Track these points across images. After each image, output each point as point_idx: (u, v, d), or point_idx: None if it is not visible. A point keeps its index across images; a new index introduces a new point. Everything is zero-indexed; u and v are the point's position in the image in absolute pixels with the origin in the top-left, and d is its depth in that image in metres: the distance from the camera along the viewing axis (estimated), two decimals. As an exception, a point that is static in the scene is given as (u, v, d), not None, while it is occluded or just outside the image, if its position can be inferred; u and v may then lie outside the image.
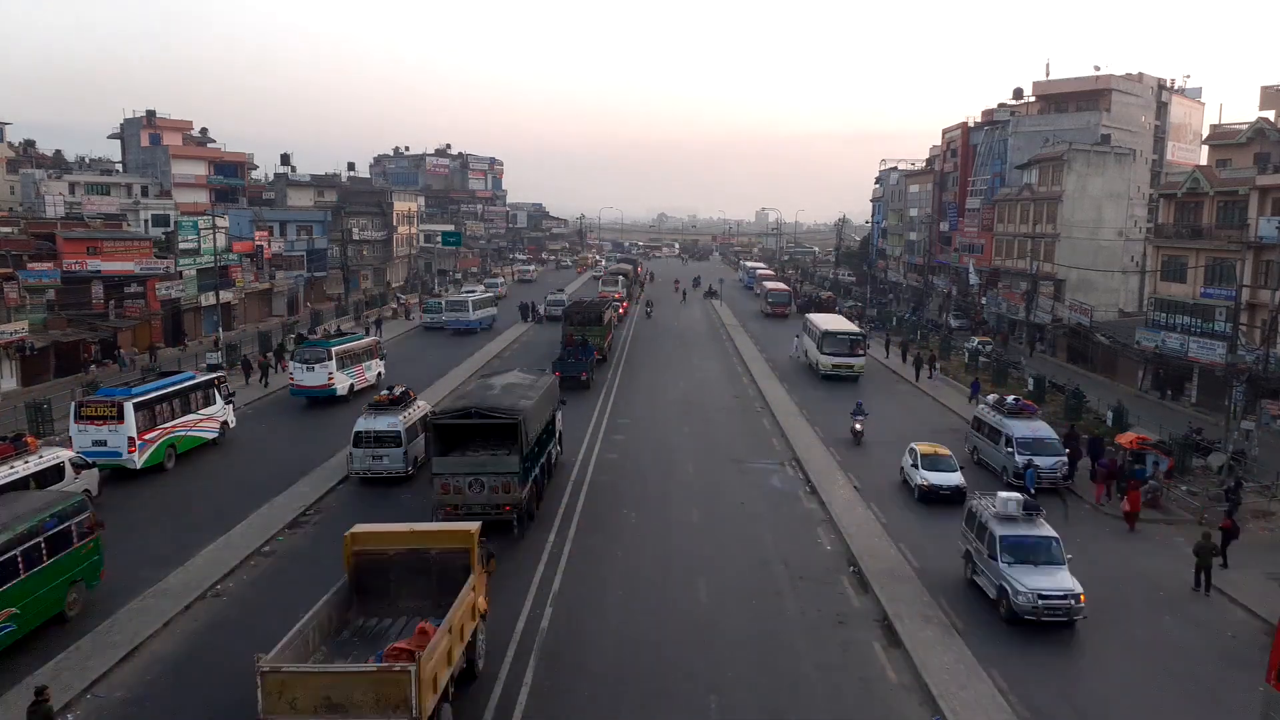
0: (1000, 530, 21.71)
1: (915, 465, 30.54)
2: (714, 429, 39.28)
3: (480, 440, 26.76)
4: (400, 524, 20.12)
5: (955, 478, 29.78)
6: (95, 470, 28.31)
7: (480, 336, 64.66)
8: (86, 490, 27.34)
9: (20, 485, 24.95)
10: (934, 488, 29.51)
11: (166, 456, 31.83)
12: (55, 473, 26.33)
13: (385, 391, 33.05)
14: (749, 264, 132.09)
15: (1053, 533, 22.05)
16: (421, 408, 33.06)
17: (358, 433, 30.39)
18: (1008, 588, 20.67)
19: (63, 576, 20.05)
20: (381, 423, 30.46)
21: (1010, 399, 34.71)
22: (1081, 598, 20.43)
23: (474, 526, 18.86)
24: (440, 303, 71.08)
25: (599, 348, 51.60)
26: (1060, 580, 20.64)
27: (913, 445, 31.78)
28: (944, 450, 31.29)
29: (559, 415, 32.77)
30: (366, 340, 47.05)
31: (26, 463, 25.63)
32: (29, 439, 27.58)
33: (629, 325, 72.76)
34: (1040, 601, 20.27)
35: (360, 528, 19.21)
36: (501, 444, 26.01)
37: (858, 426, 37.06)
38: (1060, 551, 21.43)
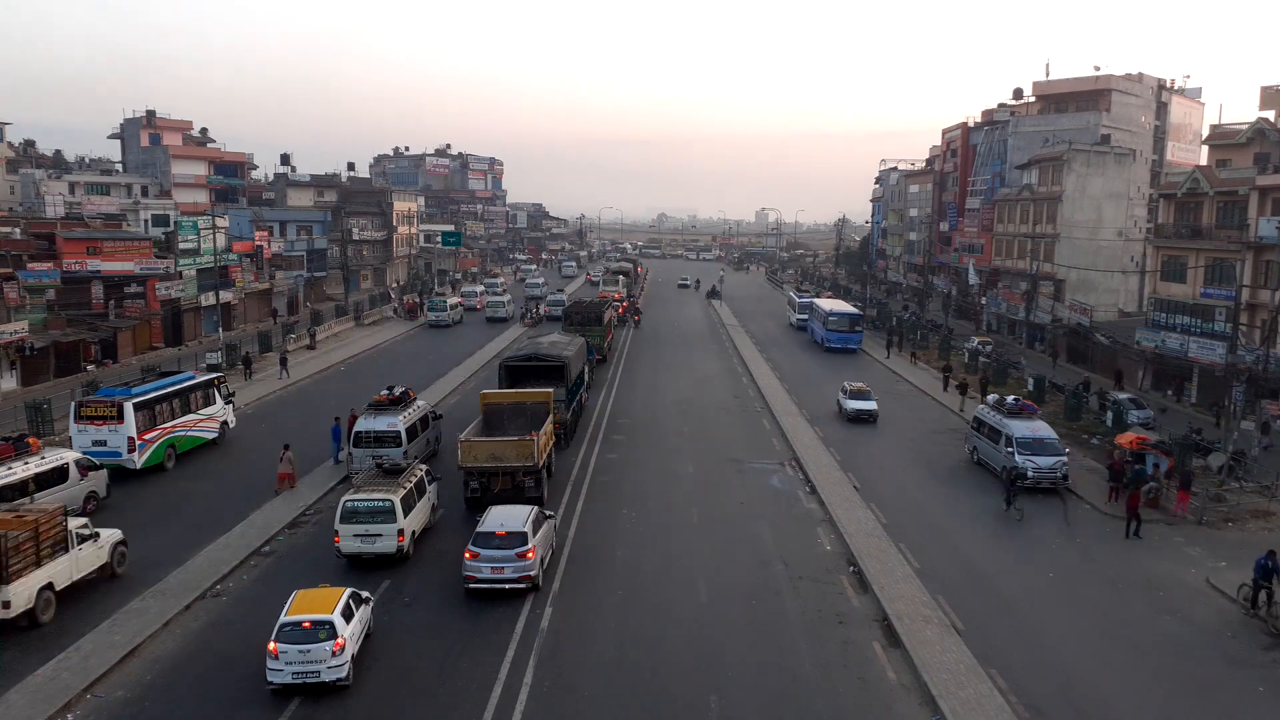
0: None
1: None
2: (713, 429, 39.27)
3: (534, 378, 34.91)
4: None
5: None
6: (103, 472, 28.08)
7: (479, 337, 64.76)
8: (93, 492, 27.31)
9: (19, 487, 24.87)
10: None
11: (166, 456, 31.82)
12: (58, 474, 26.20)
13: (385, 391, 32.83)
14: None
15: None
16: (421, 407, 33.12)
17: (358, 433, 30.39)
18: None
19: None
20: (381, 423, 30.48)
21: (1010, 399, 34.71)
22: None
23: (552, 390, 32.46)
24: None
25: (598, 348, 51.69)
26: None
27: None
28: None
29: (587, 369, 43.02)
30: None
31: (26, 464, 25.50)
32: (31, 440, 27.40)
33: (628, 325, 72.79)
34: None
35: (487, 390, 33.19)
36: (550, 381, 34.32)
37: None
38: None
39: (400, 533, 23.13)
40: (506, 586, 21.58)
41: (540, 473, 27.56)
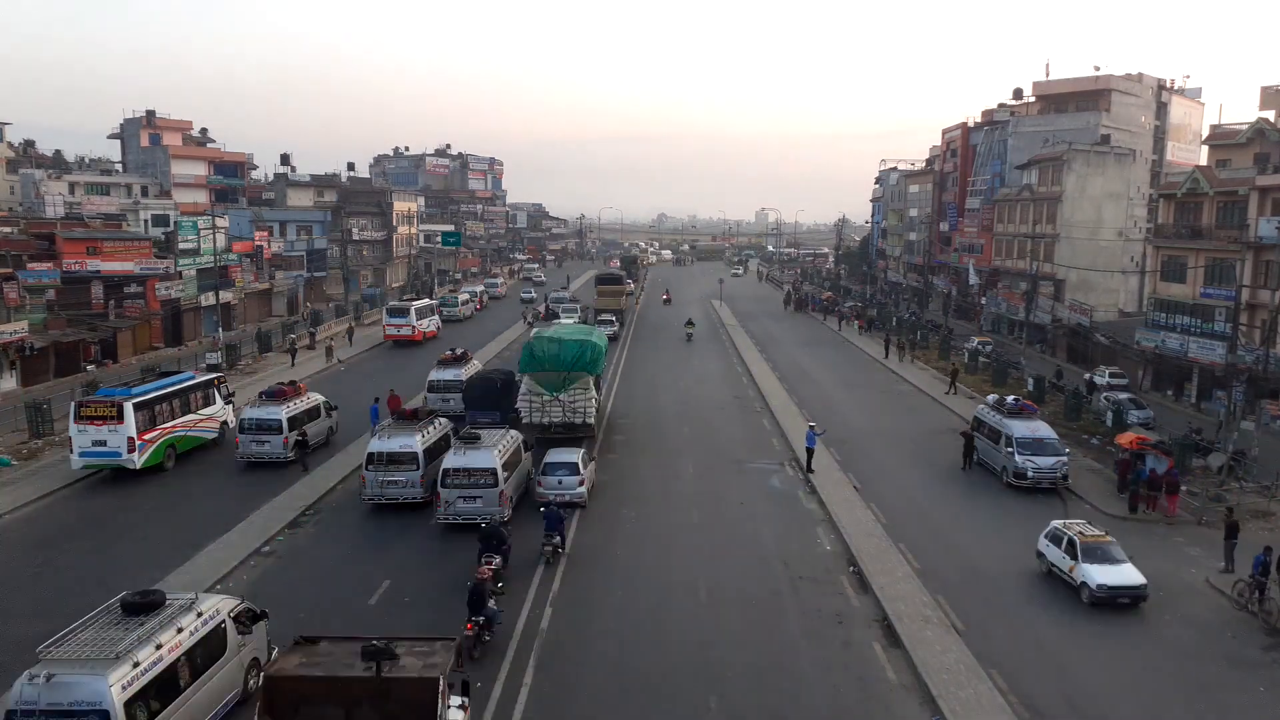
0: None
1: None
2: (714, 429, 39.27)
3: None
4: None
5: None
6: (336, 412, 35.98)
7: (487, 330, 65.73)
8: (330, 429, 35.37)
9: (312, 410, 34.20)
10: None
11: (166, 456, 31.80)
12: (312, 414, 34.27)
13: (449, 351, 41.91)
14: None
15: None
16: (475, 365, 42.32)
17: (432, 380, 39.17)
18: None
19: None
20: (449, 374, 39.16)
21: (1010, 399, 34.69)
22: None
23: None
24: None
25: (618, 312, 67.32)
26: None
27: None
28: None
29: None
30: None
31: (308, 399, 34.36)
32: (300, 384, 35.69)
33: (628, 325, 72.86)
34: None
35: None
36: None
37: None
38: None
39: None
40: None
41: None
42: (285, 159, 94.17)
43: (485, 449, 26.27)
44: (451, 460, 25.97)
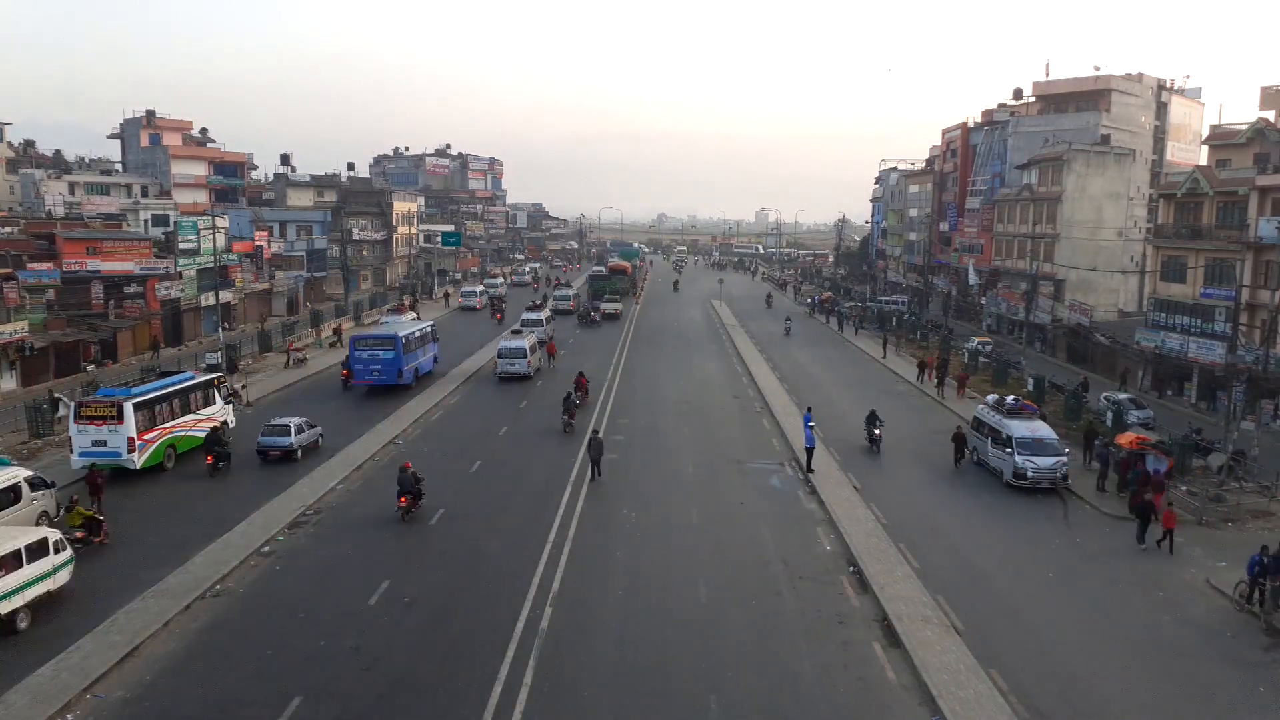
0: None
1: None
2: (713, 429, 39.28)
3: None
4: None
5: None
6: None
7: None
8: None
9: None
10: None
11: (166, 456, 31.80)
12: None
13: (532, 302, 63.52)
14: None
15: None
16: (547, 310, 65.55)
17: (524, 319, 57.35)
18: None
19: None
20: (533, 315, 59.07)
21: (1010, 399, 34.68)
22: None
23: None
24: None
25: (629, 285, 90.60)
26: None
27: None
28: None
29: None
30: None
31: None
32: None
33: (629, 323, 72.89)
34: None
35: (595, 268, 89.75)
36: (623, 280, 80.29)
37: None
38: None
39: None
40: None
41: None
42: (285, 159, 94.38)
43: (522, 340, 49.26)
44: (504, 343, 49.21)
